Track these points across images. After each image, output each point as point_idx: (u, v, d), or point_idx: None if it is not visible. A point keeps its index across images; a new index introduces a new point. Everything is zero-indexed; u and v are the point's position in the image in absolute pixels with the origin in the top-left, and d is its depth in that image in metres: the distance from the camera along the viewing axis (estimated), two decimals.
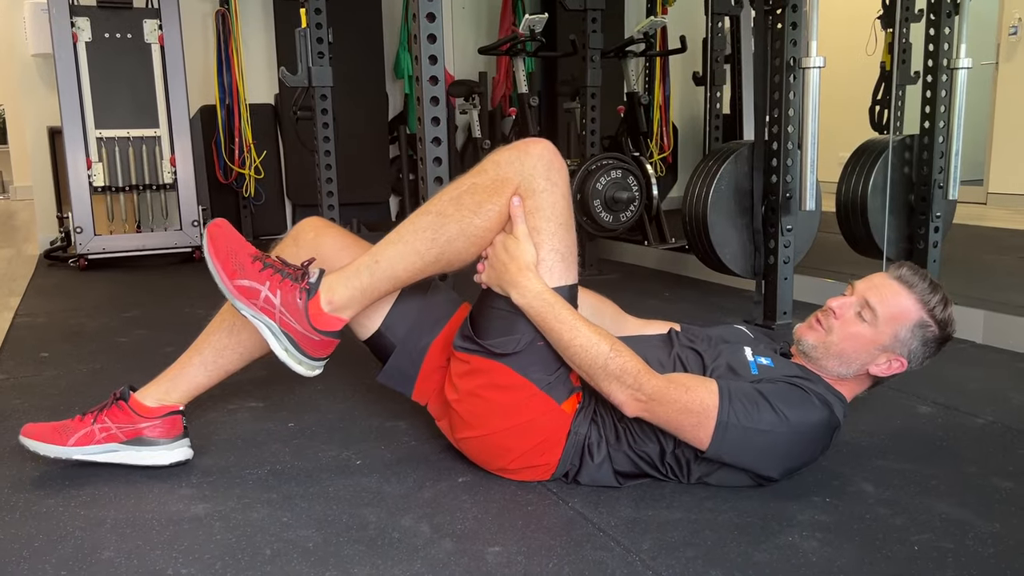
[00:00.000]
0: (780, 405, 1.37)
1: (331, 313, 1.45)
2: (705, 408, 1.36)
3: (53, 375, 2.24)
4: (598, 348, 1.37)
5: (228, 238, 1.45)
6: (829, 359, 1.49)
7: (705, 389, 1.38)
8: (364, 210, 4.96)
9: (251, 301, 1.43)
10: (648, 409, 1.37)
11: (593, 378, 1.39)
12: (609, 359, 1.36)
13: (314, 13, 3.40)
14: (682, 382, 1.39)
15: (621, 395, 1.37)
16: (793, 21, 2.54)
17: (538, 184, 1.43)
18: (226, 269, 1.43)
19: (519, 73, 3.92)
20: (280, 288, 1.44)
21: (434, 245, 1.44)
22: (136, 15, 4.07)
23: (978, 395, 2.00)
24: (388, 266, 1.45)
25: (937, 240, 2.99)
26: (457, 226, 1.43)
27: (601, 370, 1.37)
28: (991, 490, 1.48)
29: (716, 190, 2.81)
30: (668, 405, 1.36)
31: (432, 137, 2.07)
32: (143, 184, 4.13)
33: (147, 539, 1.32)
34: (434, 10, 2.03)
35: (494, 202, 1.43)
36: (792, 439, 1.38)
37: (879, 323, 1.45)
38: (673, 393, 1.36)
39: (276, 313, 1.43)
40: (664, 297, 3.19)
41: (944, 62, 2.85)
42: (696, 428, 1.36)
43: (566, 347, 1.39)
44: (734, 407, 1.35)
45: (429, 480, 1.54)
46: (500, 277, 1.43)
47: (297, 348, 1.45)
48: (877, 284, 1.49)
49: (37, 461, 1.60)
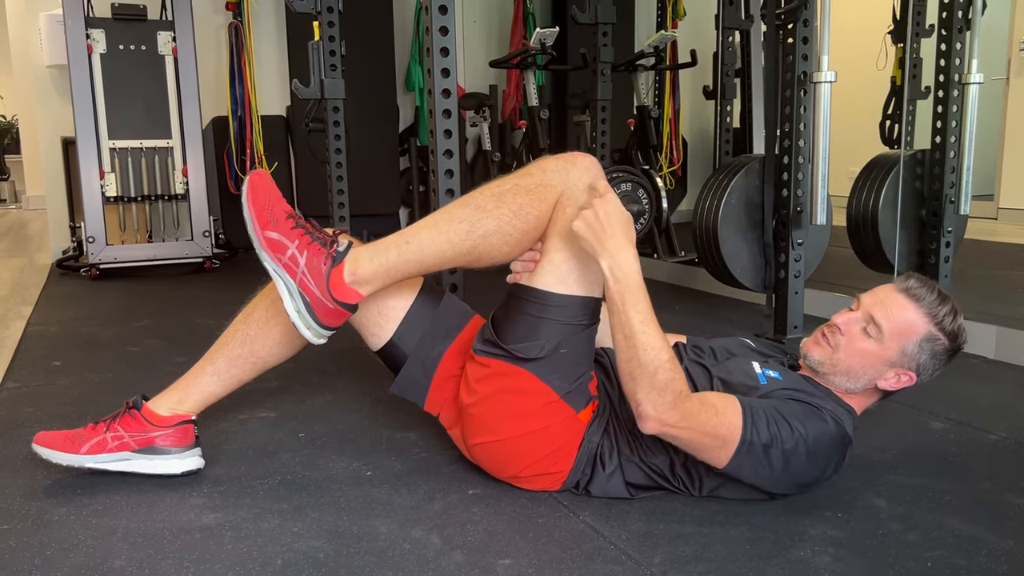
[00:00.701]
0: (796, 423, 1.36)
1: (351, 285, 1.45)
2: (731, 430, 1.33)
3: (65, 384, 2.25)
4: (659, 353, 1.31)
5: (268, 190, 1.45)
6: (836, 375, 1.48)
7: (733, 410, 1.35)
8: (374, 221, 4.97)
9: (276, 255, 1.44)
10: (668, 432, 1.33)
11: (635, 379, 1.32)
12: (662, 367, 1.31)
13: (327, 26, 3.42)
14: (713, 403, 1.35)
15: (650, 408, 1.31)
16: (804, 36, 2.54)
17: (581, 196, 1.43)
18: (260, 218, 1.43)
19: (530, 86, 3.94)
20: (308, 249, 1.44)
21: (468, 237, 1.43)
22: (150, 27, 4.11)
23: (991, 411, 1.99)
24: (417, 248, 1.44)
25: (949, 255, 2.98)
26: (495, 223, 1.43)
27: (649, 375, 1.31)
28: (1005, 507, 1.47)
29: (727, 204, 2.82)
30: (696, 429, 1.33)
31: (444, 149, 2.08)
32: (155, 194, 4.16)
33: (158, 548, 1.32)
34: (447, 24, 2.04)
35: (535, 206, 1.43)
36: (807, 457, 1.37)
37: (885, 339, 1.43)
38: (703, 417, 1.33)
39: (298, 273, 1.43)
40: (674, 310, 3.19)
41: (956, 77, 2.85)
42: (719, 449, 1.35)
43: (629, 336, 1.33)
44: (757, 427, 1.34)
45: (440, 492, 1.53)
46: (598, 236, 1.35)
47: (310, 312, 1.45)
48: (882, 298, 1.46)
49: (49, 469, 1.60)
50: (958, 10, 2.81)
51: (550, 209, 1.45)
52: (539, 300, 1.44)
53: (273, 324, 1.56)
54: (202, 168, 4.20)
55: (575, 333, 1.45)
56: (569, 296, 1.44)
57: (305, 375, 2.25)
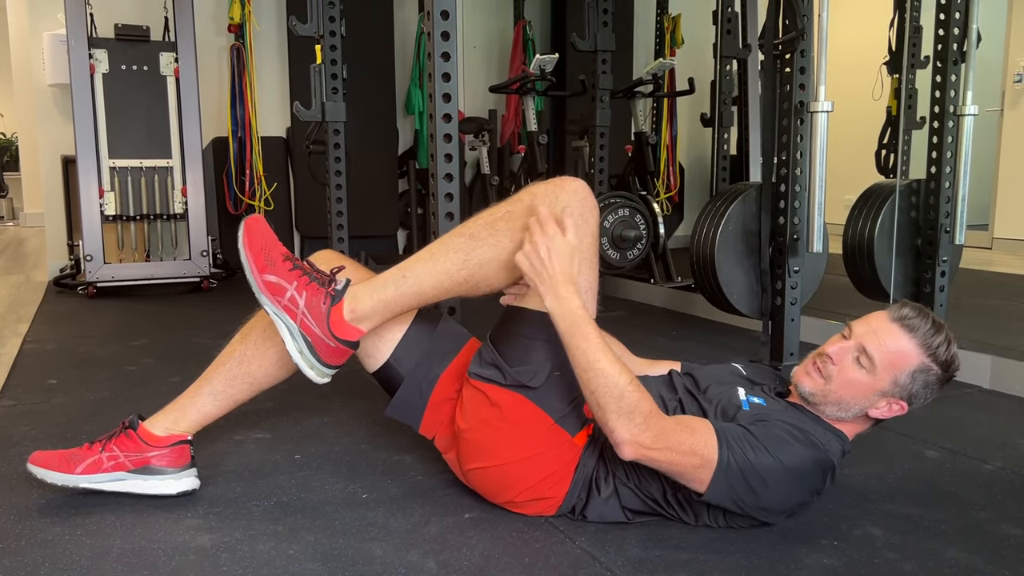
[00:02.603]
0: (773, 447, 1.35)
1: (352, 322, 1.46)
2: (709, 449, 1.33)
3: (61, 402, 2.24)
4: (618, 377, 1.32)
5: (263, 233, 1.47)
6: (827, 405, 1.47)
7: (707, 430, 1.36)
8: (372, 243, 5.00)
9: (276, 298, 1.45)
10: (647, 455, 1.33)
11: (603, 408, 1.33)
12: (626, 391, 1.32)
13: (329, 49, 3.45)
14: (688, 423, 1.38)
15: (624, 433, 1.32)
16: (802, 66, 2.57)
17: (570, 219, 1.45)
18: (257, 263, 1.45)
19: (529, 111, 3.97)
20: (306, 290, 1.45)
21: (464, 266, 1.45)
22: (153, 48, 4.14)
23: (986, 440, 2.00)
24: (415, 281, 1.46)
25: (944, 284, 2.99)
26: (491, 251, 1.45)
27: (615, 400, 1.32)
28: (1001, 537, 1.47)
29: (724, 231, 2.83)
30: (673, 448, 1.33)
31: (445, 173, 2.09)
32: (154, 214, 4.17)
33: (153, 569, 1.32)
34: (449, 50, 2.06)
35: (526, 231, 1.45)
36: (788, 480, 1.37)
37: (877, 370, 1.42)
38: (679, 435, 1.34)
39: (298, 314, 1.45)
40: (671, 335, 3.20)
41: (951, 108, 2.88)
42: (698, 470, 1.34)
43: (586, 368, 1.34)
44: (732, 451, 1.34)
45: (435, 515, 1.53)
46: (539, 274, 1.39)
47: (312, 352, 1.46)
48: (875, 328, 1.44)
49: (44, 489, 1.60)
50: (953, 42, 2.85)
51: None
52: (531, 321, 1.46)
53: (269, 345, 1.57)
54: (201, 188, 4.21)
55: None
56: None
57: (300, 396, 2.24)
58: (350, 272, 1.63)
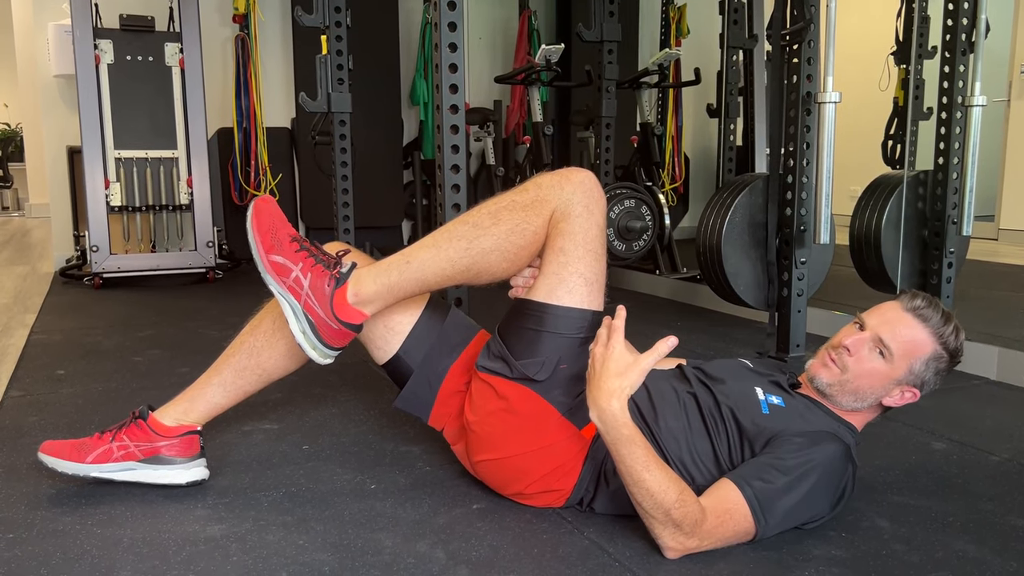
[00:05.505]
0: (800, 474, 1.35)
1: (355, 305, 1.47)
2: (747, 523, 1.32)
3: (69, 393, 2.25)
4: (666, 495, 1.27)
5: (272, 215, 1.49)
6: (844, 396, 1.49)
7: (740, 507, 1.32)
8: (377, 234, 5.00)
9: (281, 278, 1.46)
10: (692, 552, 1.32)
11: (651, 517, 1.29)
12: (674, 507, 1.27)
13: (335, 40, 3.45)
14: (722, 509, 1.32)
15: (671, 541, 1.30)
16: (809, 56, 2.56)
17: (575, 209, 1.45)
18: (264, 243, 1.47)
19: (534, 102, 3.96)
20: (311, 272, 1.46)
21: (467, 255, 1.45)
22: (158, 38, 4.14)
23: (993, 432, 2.00)
24: (418, 268, 1.47)
25: (951, 275, 2.99)
26: (493, 240, 1.45)
27: (663, 515, 1.28)
28: (1008, 528, 1.47)
29: (730, 222, 2.83)
30: (717, 540, 1.33)
31: (451, 164, 2.09)
32: (159, 204, 4.17)
33: (163, 559, 1.32)
34: (456, 41, 2.06)
35: (531, 222, 1.45)
36: (823, 492, 1.39)
37: (894, 359, 1.46)
38: (720, 530, 1.32)
39: (302, 295, 1.46)
40: (676, 327, 3.19)
41: (958, 99, 2.87)
42: (745, 536, 1.35)
43: (634, 484, 1.29)
44: (768, 512, 1.33)
45: (444, 506, 1.54)
46: (590, 382, 1.35)
47: (315, 333, 1.47)
48: (890, 319, 1.48)
49: (54, 479, 1.61)
50: (961, 33, 2.84)
51: (546, 224, 1.47)
52: (536, 312, 1.46)
53: (279, 337, 1.57)
54: (207, 179, 4.22)
55: (574, 347, 1.46)
56: (566, 308, 1.45)
57: (309, 388, 2.25)
58: (355, 258, 1.64)
